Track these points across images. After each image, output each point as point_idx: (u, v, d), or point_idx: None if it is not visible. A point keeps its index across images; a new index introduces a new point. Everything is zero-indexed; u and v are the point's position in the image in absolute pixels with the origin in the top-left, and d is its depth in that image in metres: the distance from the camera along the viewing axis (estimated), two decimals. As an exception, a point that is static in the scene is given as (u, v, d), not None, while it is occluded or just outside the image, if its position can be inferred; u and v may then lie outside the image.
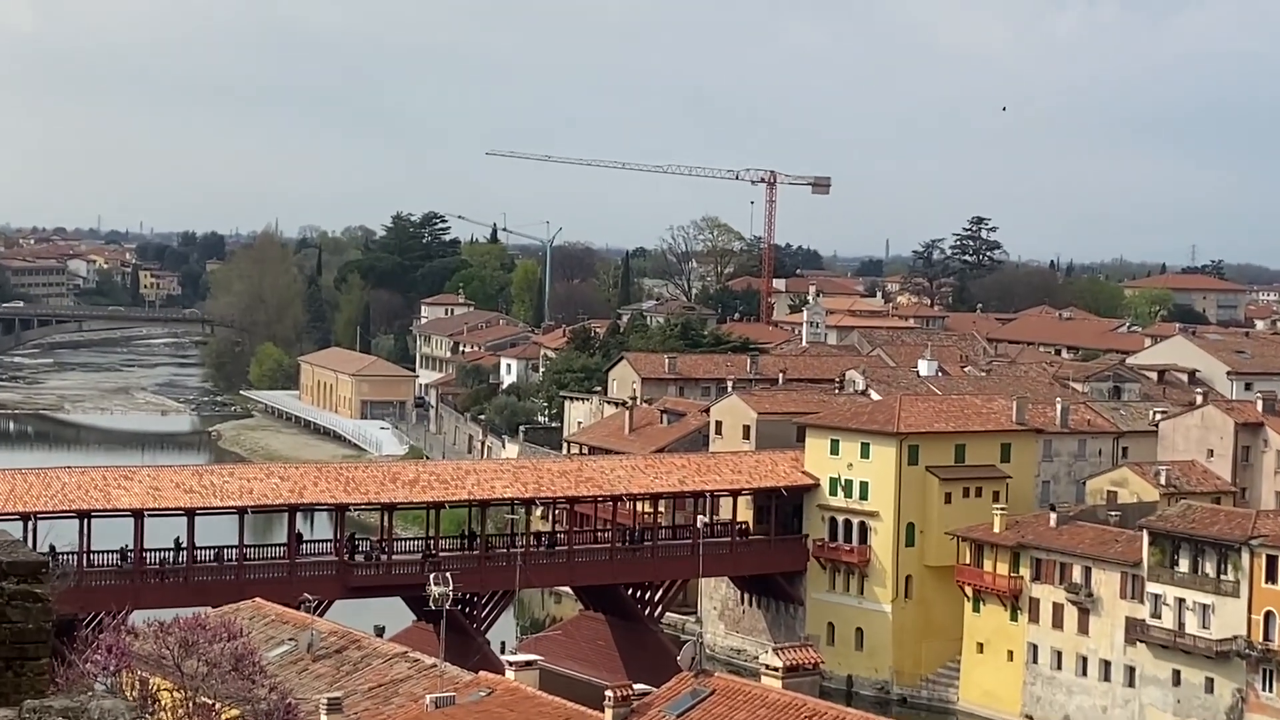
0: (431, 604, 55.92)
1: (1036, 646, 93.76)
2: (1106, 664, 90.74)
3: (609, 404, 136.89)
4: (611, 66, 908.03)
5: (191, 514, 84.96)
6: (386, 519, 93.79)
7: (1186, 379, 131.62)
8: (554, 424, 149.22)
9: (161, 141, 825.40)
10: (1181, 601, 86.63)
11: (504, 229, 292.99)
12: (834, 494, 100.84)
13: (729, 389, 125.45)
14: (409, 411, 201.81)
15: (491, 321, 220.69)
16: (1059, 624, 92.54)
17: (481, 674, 43.89)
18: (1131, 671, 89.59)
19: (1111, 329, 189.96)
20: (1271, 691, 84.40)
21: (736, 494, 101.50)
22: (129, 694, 32.80)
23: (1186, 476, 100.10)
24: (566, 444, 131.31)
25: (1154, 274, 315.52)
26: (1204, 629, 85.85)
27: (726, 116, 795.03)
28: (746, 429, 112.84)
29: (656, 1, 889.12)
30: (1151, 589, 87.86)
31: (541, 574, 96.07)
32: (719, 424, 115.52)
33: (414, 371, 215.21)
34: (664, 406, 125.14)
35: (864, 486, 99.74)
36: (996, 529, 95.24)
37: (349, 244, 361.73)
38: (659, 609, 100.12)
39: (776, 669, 39.89)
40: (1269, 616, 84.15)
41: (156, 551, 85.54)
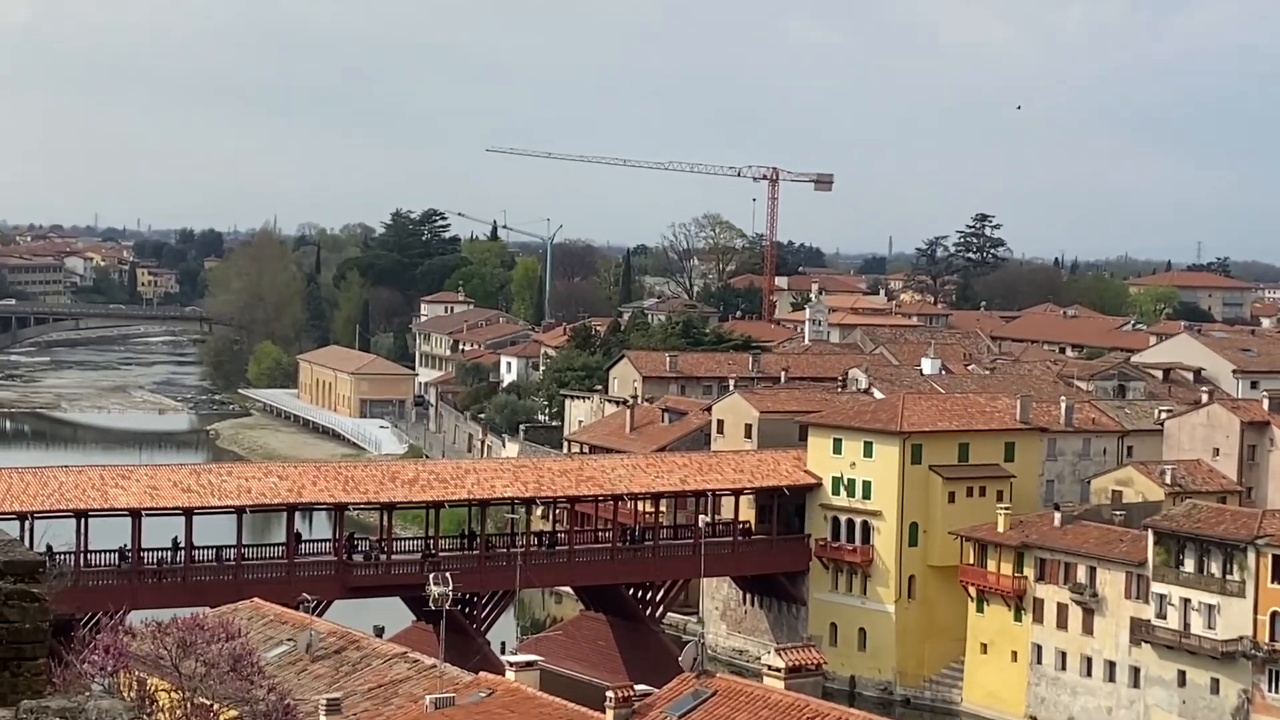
0: (431, 604, 55.68)
1: (1041, 647, 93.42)
2: (1111, 664, 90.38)
3: (610, 403, 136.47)
4: (612, 63, 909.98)
5: (189, 513, 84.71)
6: (386, 518, 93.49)
7: (1192, 377, 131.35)
8: (554, 423, 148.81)
9: (160, 139, 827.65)
10: (1187, 602, 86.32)
11: (504, 226, 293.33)
12: (837, 493, 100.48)
13: (731, 387, 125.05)
14: (408, 410, 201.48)
15: (491, 319, 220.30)
16: (1063, 624, 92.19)
17: (481, 675, 43.71)
18: (1136, 672, 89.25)
19: (1116, 327, 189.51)
20: (1277, 692, 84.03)
21: (738, 493, 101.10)
22: (127, 694, 32.64)
23: (1192, 476, 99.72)
24: (567, 443, 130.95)
25: (1159, 271, 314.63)
26: (1209, 629, 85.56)
27: (729, 114, 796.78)
28: (748, 428, 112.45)
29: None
30: (1156, 589, 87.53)
31: (542, 574, 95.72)
32: (721, 423, 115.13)
33: (413, 370, 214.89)
34: (665, 405, 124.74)
35: (867, 486, 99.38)
36: (1000, 529, 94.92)
37: (348, 241, 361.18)
38: (660, 609, 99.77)
39: (779, 670, 39.81)
40: (1275, 617, 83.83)
41: (154, 551, 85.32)
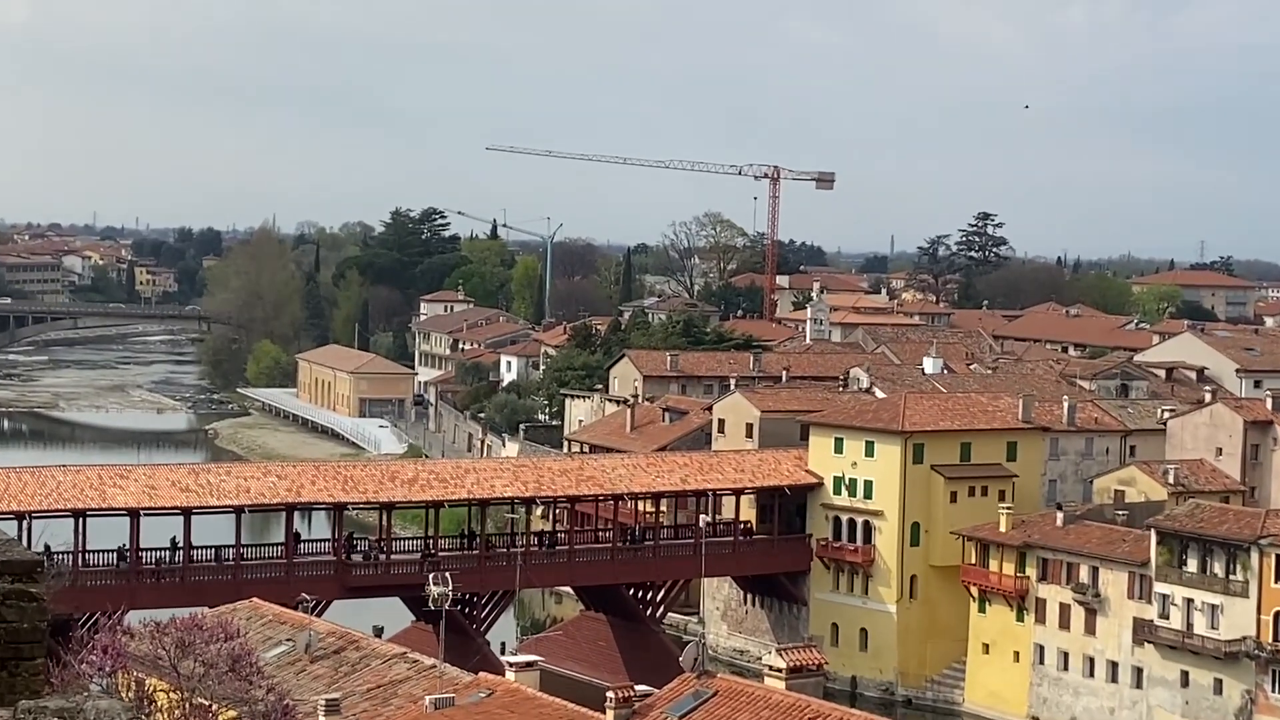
0: (431, 604, 55.40)
1: (1043, 647, 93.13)
2: (1114, 665, 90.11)
3: (610, 402, 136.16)
4: (613, 61, 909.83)
5: (188, 513, 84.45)
6: (385, 518, 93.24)
7: (1195, 376, 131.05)
8: (554, 422, 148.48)
9: (159, 137, 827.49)
10: (1190, 602, 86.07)
11: (504, 225, 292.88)
12: (838, 493, 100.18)
13: (732, 387, 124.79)
14: (408, 409, 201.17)
15: (491, 318, 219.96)
16: (1065, 624, 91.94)
17: (481, 675, 43.55)
18: (1139, 672, 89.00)
19: (1119, 326, 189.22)
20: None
21: (739, 493, 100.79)
22: (125, 695, 32.60)
23: (1195, 475, 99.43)
24: (567, 442, 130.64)
25: (1162, 270, 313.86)
26: (1212, 629, 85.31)
27: (730, 113, 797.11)
28: (749, 427, 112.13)
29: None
30: (1159, 589, 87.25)
31: (542, 574, 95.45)
32: (721, 422, 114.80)
33: (413, 369, 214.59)
34: (666, 404, 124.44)
35: (868, 485, 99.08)
36: (1002, 528, 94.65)
37: (347, 240, 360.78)
38: (661, 609, 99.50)
39: (780, 670, 39.72)
40: (1278, 617, 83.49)
41: (153, 551, 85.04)
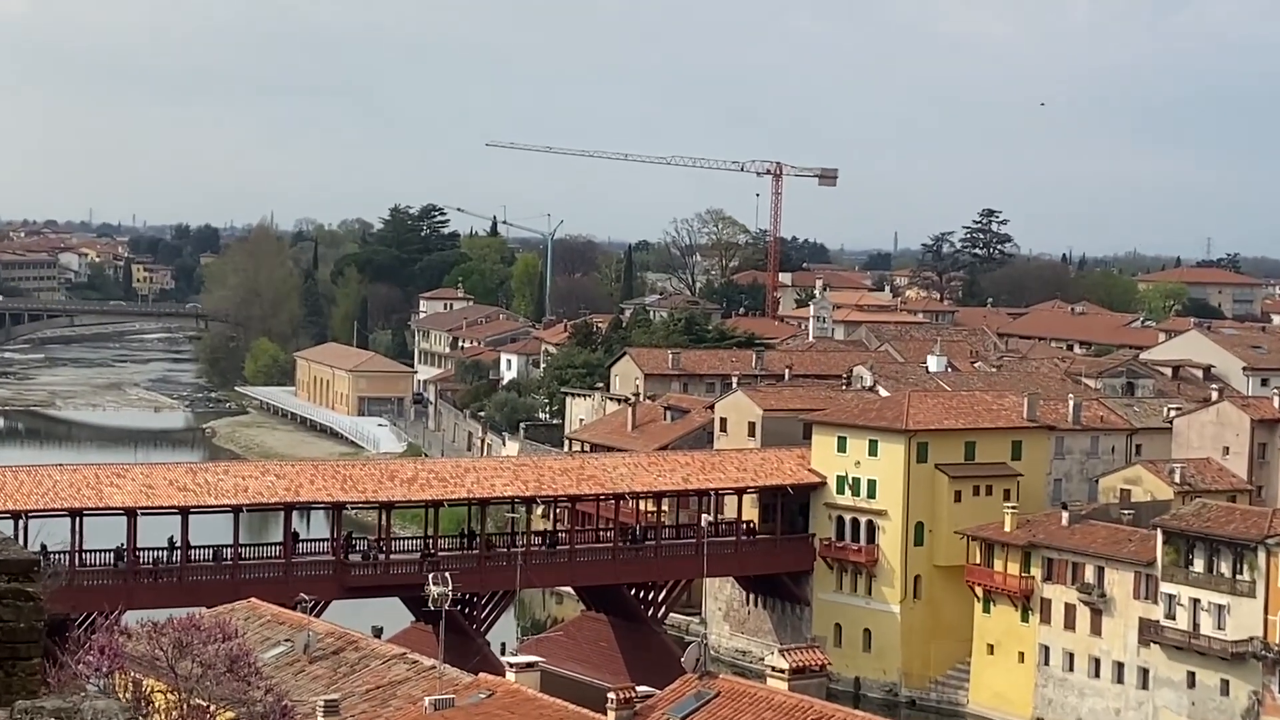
0: (430, 604, 55.17)
1: (1048, 648, 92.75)
2: (1120, 666, 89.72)
3: (611, 400, 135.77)
4: (613, 58, 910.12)
5: (185, 512, 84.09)
6: (384, 518, 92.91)
7: (1201, 375, 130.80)
8: (555, 421, 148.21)
9: (156, 134, 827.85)
10: (1196, 602, 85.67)
11: (504, 222, 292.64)
12: (841, 492, 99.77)
13: (734, 385, 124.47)
14: (407, 408, 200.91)
15: (491, 316, 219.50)
16: (1071, 625, 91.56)
17: (481, 676, 43.36)
18: (1145, 673, 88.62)
19: (1125, 324, 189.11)
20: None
21: (741, 492, 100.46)
22: (122, 695, 32.50)
23: (1201, 474, 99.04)
24: (568, 441, 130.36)
25: (1168, 268, 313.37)
26: (1219, 630, 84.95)
27: (731, 110, 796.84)
28: (752, 426, 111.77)
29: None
30: (1165, 589, 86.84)
31: (542, 574, 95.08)
32: (724, 421, 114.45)
33: (412, 367, 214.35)
34: (667, 403, 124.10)
35: (872, 485, 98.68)
36: (1007, 528, 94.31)
37: (346, 237, 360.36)
38: (662, 609, 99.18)
39: (782, 671, 39.55)
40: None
41: (150, 550, 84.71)
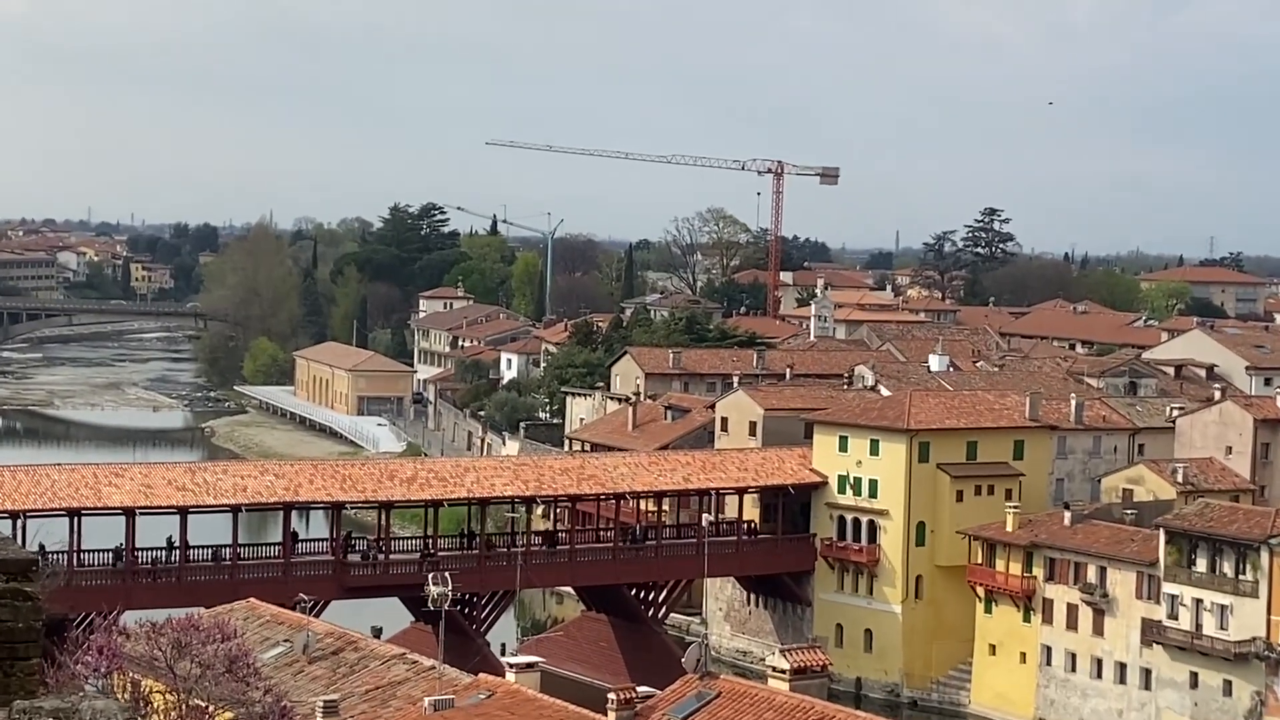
0: (430, 604, 55.27)
1: (1050, 648, 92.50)
2: (1122, 666, 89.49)
3: (612, 400, 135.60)
4: (614, 56, 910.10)
5: (184, 512, 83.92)
6: (384, 517, 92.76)
7: (1204, 374, 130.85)
8: (555, 420, 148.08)
9: (155, 133, 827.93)
10: (1199, 602, 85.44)
11: (504, 221, 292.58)
12: (842, 492, 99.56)
13: (735, 384, 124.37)
14: (407, 407, 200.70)
15: (491, 315, 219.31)
16: (1073, 625, 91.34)
17: (481, 676, 43.36)
18: (1147, 674, 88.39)
19: (1127, 323, 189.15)
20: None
21: (742, 492, 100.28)
22: (121, 696, 32.43)
23: (1204, 474, 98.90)
24: (568, 441, 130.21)
25: (1171, 266, 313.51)
26: (1222, 630, 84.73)
27: (732, 109, 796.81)
28: (753, 425, 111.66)
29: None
30: (1168, 589, 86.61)
31: (542, 574, 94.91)
32: (724, 420, 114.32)
33: (412, 367, 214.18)
34: (668, 402, 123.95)
35: (873, 484, 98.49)
36: (1009, 528, 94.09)
37: (345, 236, 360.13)
38: (663, 610, 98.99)
39: (783, 671, 39.62)
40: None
41: (149, 550, 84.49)
